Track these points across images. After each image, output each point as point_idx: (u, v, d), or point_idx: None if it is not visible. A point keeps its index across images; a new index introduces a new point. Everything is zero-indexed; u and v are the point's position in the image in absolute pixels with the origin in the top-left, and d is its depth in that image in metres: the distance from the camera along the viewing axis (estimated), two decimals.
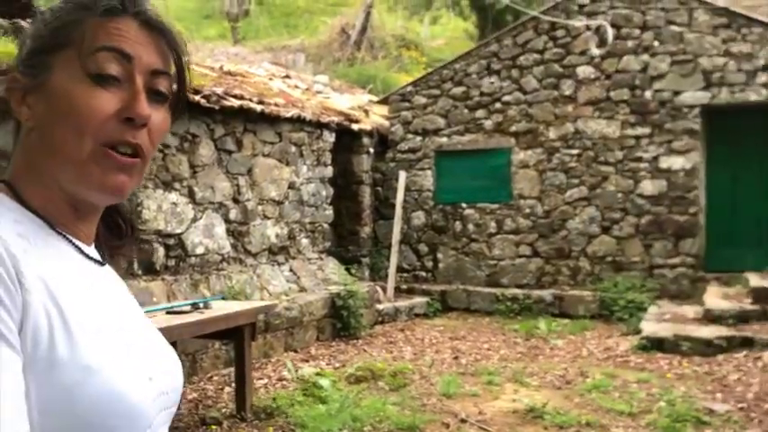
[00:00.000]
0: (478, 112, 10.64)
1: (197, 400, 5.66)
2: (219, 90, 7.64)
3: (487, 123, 10.58)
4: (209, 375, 6.35)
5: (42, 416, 0.82)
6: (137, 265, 6.51)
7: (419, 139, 10.98)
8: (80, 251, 0.98)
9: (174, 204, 7.03)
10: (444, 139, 10.84)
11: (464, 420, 5.23)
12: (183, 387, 1.05)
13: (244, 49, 19.71)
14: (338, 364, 7.01)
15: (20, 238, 0.88)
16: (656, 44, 9.70)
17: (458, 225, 10.74)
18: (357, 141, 10.59)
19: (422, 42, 21.08)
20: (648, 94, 9.72)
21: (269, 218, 8.40)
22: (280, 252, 8.58)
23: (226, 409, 5.42)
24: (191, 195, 7.26)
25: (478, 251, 10.59)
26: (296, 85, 11.44)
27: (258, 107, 8.03)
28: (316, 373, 6.38)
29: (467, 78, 10.72)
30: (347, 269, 9.33)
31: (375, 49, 19.74)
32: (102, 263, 1.03)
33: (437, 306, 10.01)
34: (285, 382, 6.25)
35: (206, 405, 5.57)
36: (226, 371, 6.48)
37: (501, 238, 10.47)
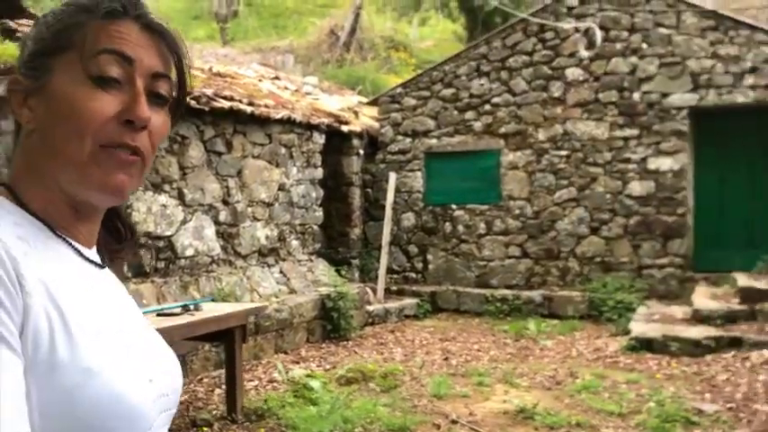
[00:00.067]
0: (468, 114, 10.66)
1: (187, 402, 5.65)
2: (209, 91, 7.63)
3: (477, 125, 10.61)
4: (199, 377, 6.34)
5: (43, 418, 0.83)
6: (126, 268, 6.49)
7: (409, 140, 11.00)
8: (80, 254, 0.98)
9: (164, 206, 7.01)
10: (434, 141, 10.86)
11: (455, 421, 5.24)
12: None
13: (233, 50, 19.68)
14: (328, 366, 7.01)
15: (20, 241, 0.88)
16: (644, 46, 9.76)
17: (447, 226, 10.76)
18: (347, 143, 10.59)
19: (411, 44, 21.10)
20: (637, 96, 9.78)
21: (259, 219, 8.39)
22: (270, 254, 8.57)
23: (216, 411, 5.41)
24: (180, 197, 7.24)
25: (468, 252, 10.62)
26: (285, 87, 11.43)
27: (248, 108, 8.02)
28: (306, 375, 6.37)
29: (456, 80, 10.75)
30: (337, 271, 9.33)
31: (364, 50, 19.75)
32: (102, 265, 1.03)
33: (427, 307, 10.03)
34: (275, 384, 6.24)
35: (196, 407, 5.55)
36: (216, 373, 6.47)
37: (490, 239, 10.50)
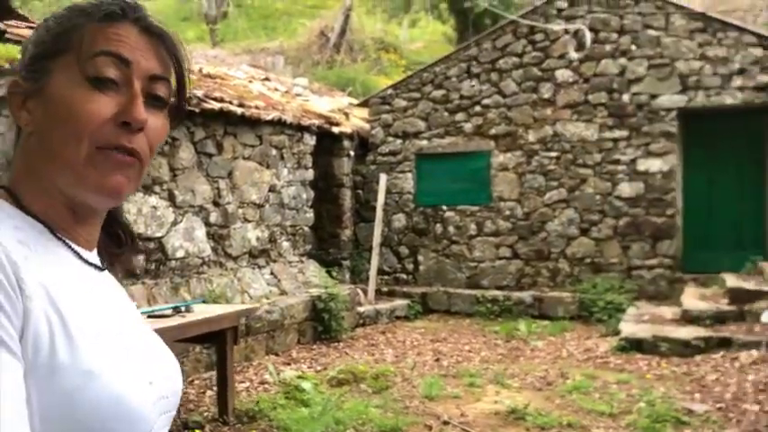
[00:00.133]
0: (458, 115, 10.69)
1: (179, 405, 5.63)
2: (199, 93, 7.62)
3: (467, 126, 10.63)
4: (190, 379, 6.32)
5: (43, 422, 0.83)
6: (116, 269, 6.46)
7: (399, 141, 11.01)
8: (79, 256, 0.98)
9: (155, 208, 6.99)
10: (424, 142, 10.88)
11: (446, 422, 5.25)
12: None
13: (222, 51, 19.66)
14: (320, 367, 7.01)
15: (20, 244, 0.88)
16: (633, 48, 9.81)
17: (438, 227, 10.78)
18: (337, 144, 10.59)
19: (401, 45, 21.14)
20: (626, 98, 9.83)
21: (249, 221, 8.38)
22: (260, 255, 8.56)
23: (208, 413, 5.40)
24: (171, 199, 7.22)
25: (459, 253, 10.64)
26: (275, 88, 11.42)
27: (239, 110, 8.01)
28: (297, 377, 6.37)
29: (447, 81, 10.77)
30: (328, 272, 9.33)
31: (354, 51, 19.76)
32: (102, 268, 1.03)
33: (418, 308, 10.04)
34: (267, 386, 6.23)
35: (188, 409, 5.54)
36: (207, 374, 6.45)
37: (481, 240, 10.52)
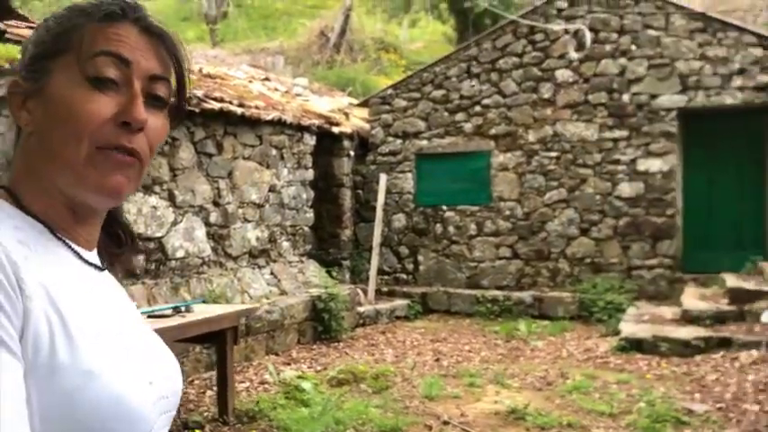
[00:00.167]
0: (458, 115, 10.69)
1: (179, 404, 5.63)
2: (199, 93, 7.62)
3: (467, 126, 10.63)
4: (190, 379, 6.32)
5: (43, 421, 0.83)
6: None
7: (399, 141, 11.01)
8: (79, 256, 0.98)
9: (155, 208, 6.99)
10: (424, 142, 10.88)
11: (446, 422, 5.25)
12: None
13: (222, 51, 19.66)
14: (320, 367, 7.01)
15: (20, 244, 0.88)
16: (633, 48, 9.81)
17: (438, 227, 10.78)
18: (337, 144, 10.59)
19: (401, 45, 21.14)
20: (626, 98, 9.83)
21: (249, 221, 8.38)
22: (260, 255, 8.56)
23: (208, 413, 5.40)
24: (171, 199, 7.22)
25: (459, 253, 10.64)
26: (275, 88, 11.42)
27: (239, 110, 8.01)
28: (297, 377, 6.36)
29: (447, 81, 10.77)
30: (328, 272, 9.33)
31: (354, 51, 19.76)
32: (102, 268, 1.03)
33: (418, 308, 10.04)
34: (267, 386, 6.24)
35: (188, 409, 5.54)
36: (207, 374, 6.46)
37: (481, 240, 10.52)
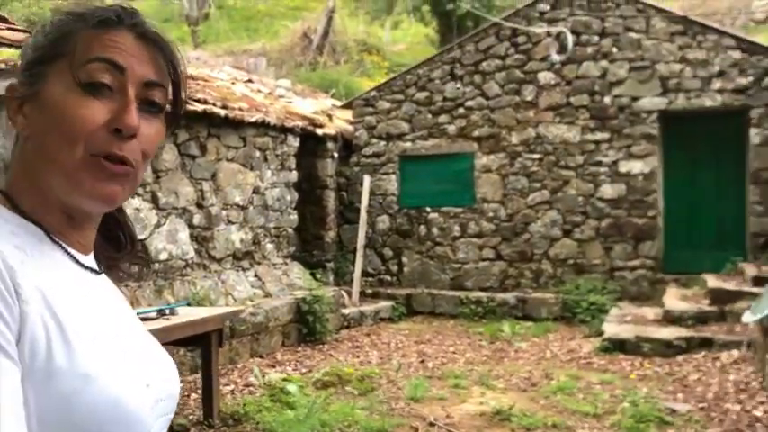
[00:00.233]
0: (442, 117, 10.72)
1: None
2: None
3: (451, 128, 10.66)
4: None
5: (41, 425, 0.83)
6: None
7: (383, 143, 11.02)
8: (75, 260, 0.98)
9: (138, 210, 6.95)
10: (408, 144, 10.89)
11: (432, 424, 5.26)
12: None
13: (204, 52, 19.58)
14: (305, 370, 7.00)
15: (17, 249, 0.88)
16: (614, 51, 9.89)
17: (422, 229, 10.80)
18: (321, 146, 10.58)
19: (383, 47, 21.18)
20: (608, 100, 9.90)
21: (233, 223, 8.35)
22: (244, 257, 8.53)
23: (193, 416, 5.38)
24: (154, 201, 7.19)
25: (443, 255, 10.66)
26: (259, 90, 11.39)
27: (222, 112, 7.98)
28: (283, 379, 6.35)
29: (430, 83, 10.80)
30: (312, 274, 9.31)
31: (337, 53, 19.76)
32: (98, 272, 1.03)
33: (402, 310, 10.04)
34: (252, 388, 6.22)
35: None
36: (191, 377, 6.42)
37: (465, 242, 10.55)
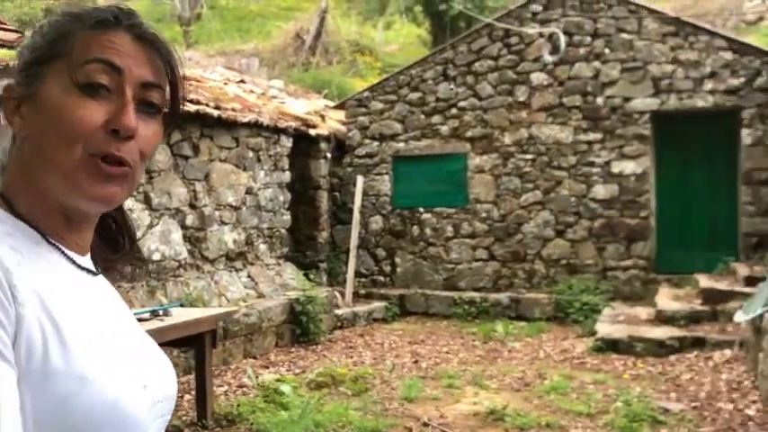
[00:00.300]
0: (435, 118, 10.72)
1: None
2: None
3: (444, 129, 10.67)
4: None
5: (37, 427, 0.83)
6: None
7: (376, 144, 11.02)
8: (72, 261, 0.98)
9: (130, 210, 6.92)
10: (401, 145, 10.90)
11: (426, 424, 5.26)
12: None
13: (196, 53, 19.53)
14: (298, 370, 6.99)
15: (13, 251, 0.88)
16: (606, 51, 9.92)
17: (415, 229, 10.81)
18: (314, 146, 10.57)
19: (376, 48, 21.17)
20: (600, 101, 9.93)
21: (226, 223, 8.34)
22: (237, 258, 8.51)
23: (186, 417, 5.36)
24: (147, 201, 7.17)
25: (436, 255, 10.67)
26: (251, 90, 11.37)
27: (215, 112, 7.96)
28: (276, 380, 6.34)
29: (423, 84, 10.80)
30: (305, 274, 9.30)
31: (330, 54, 19.75)
32: (95, 273, 1.03)
33: (395, 310, 10.05)
34: (245, 389, 6.21)
35: None
36: (185, 378, 6.41)
37: (458, 242, 10.56)
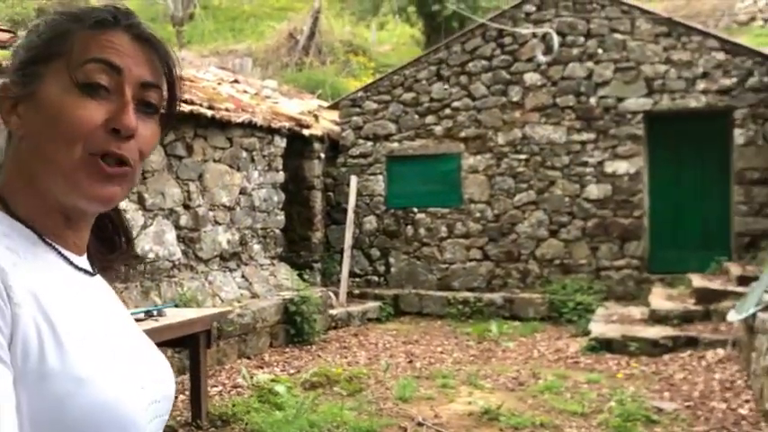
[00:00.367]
0: (428, 118, 10.73)
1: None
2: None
3: (437, 129, 10.68)
4: None
5: (34, 427, 0.82)
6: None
7: (370, 144, 11.02)
8: (69, 262, 0.98)
9: (124, 211, 6.89)
10: (395, 145, 10.90)
11: (421, 424, 5.27)
12: None
13: (189, 53, 19.49)
14: (293, 370, 6.99)
15: (9, 251, 0.88)
16: (600, 52, 9.94)
17: (409, 229, 10.81)
18: (308, 146, 10.56)
19: (369, 48, 21.18)
20: (593, 101, 9.95)
21: (220, 224, 8.33)
22: (231, 258, 8.50)
23: (181, 418, 5.35)
24: (140, 202, 7.15)
25: (430, 255, 10.67)
26: (245, 90, 11.36)
27: (209, 112, 7.95)
28: (271, 380, 6.34)
29: (416, 84, 10.81)
30: (299, 275, 9.30)
31: (323, 54, 19.74)
32: (92, 273, 1.03)
33: (390, 310, 10.05)
34: (240, 389, 6.20)
35: None
36: (179, 378, 6.38)
37: (452, 242, 10.57)
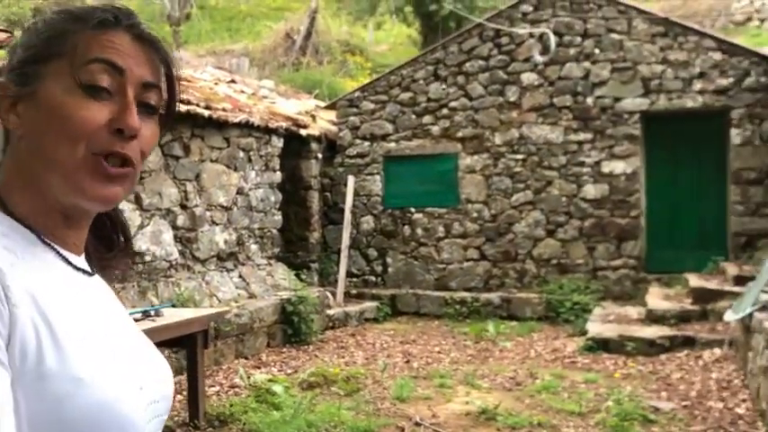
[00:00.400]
0: (425, 118, 10.73)
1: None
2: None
3: (434, 129, 10.68)
4: None
5: (32, 428, 0.82)
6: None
7: (367, 144, 11.02)
8: (68, 262, 0.98)
9: (121, 210, 6.90)
10: (392, 145, 10.90)
11: (418, 423, 5.27)
12: None
13: (186, 53, 19.45)
14: (290, 370, 6.98)
15: (6, 251, 0.88)
16: (596, 52, 9.95)
17: (406, 229, 10.81)
18: (305, 146, 10.56)
19: (366, 48, 21.17)
20: (590, 101, 9.97)
21: (217, 224, 8.32)
22: (228, 258, 8.50)
23: (178, 418, 5.35)
24: (137, 202, 7.14)
25: (427, 255, 10.68)
26: (242, 90, 11.35)
27: (206, 112, 7.95)
28: (268, 380, 6.34)
29: (414, 84, 10.81)
30: (297, 275, 9.29)
31: (320, 54, 19.73)
32: (91, 273, 1.02)
33: (387, 310, 10.05)
34: (237, 389, 6.20)
35: None
36: (176, 378, 6.37)
37: (449, 242, 10.57)
